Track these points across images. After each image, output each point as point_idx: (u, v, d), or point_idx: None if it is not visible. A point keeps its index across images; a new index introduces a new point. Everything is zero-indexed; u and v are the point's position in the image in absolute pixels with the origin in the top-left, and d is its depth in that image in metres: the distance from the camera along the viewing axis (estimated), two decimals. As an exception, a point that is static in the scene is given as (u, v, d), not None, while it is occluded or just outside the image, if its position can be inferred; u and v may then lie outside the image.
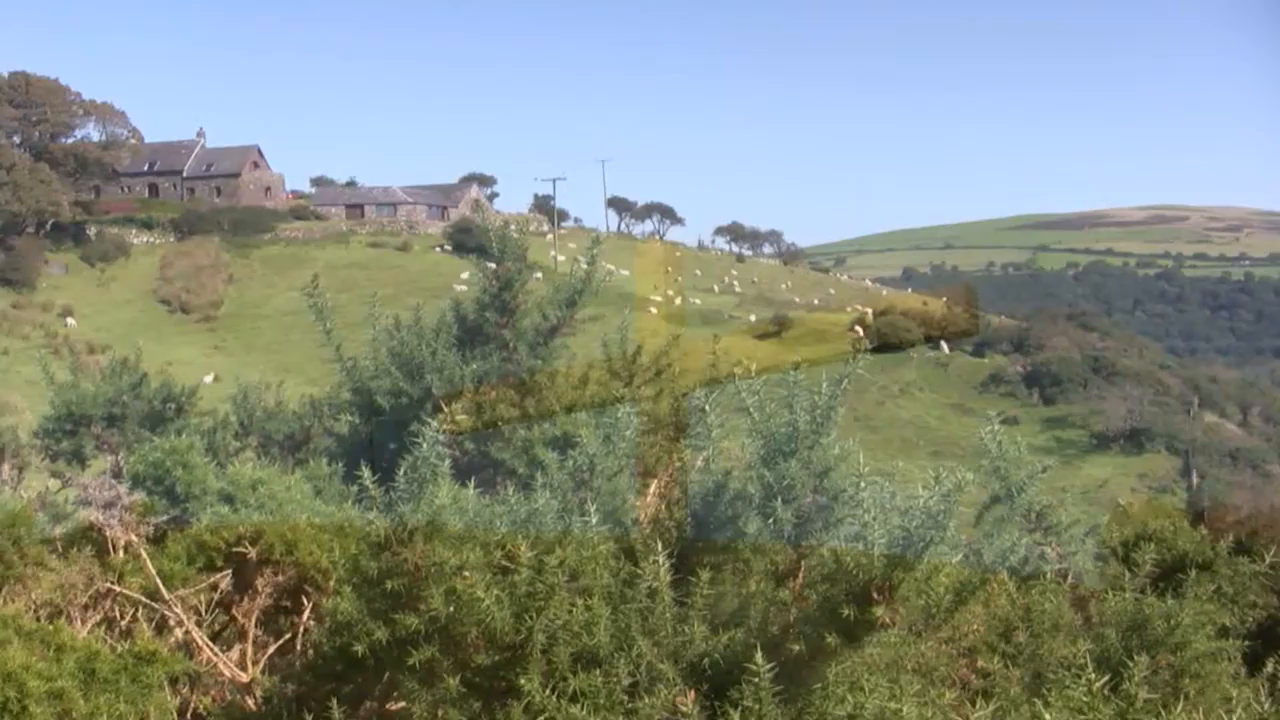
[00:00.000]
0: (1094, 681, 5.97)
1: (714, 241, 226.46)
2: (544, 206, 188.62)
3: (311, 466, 17.32)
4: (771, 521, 7.63)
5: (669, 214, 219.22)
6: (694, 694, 6.39)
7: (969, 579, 7.08)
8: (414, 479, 7.78)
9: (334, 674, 7.86)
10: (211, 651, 9.46)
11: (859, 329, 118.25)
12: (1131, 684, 6.09)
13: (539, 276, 22.40)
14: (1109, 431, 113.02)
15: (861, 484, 7.23)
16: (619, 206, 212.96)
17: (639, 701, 6.38)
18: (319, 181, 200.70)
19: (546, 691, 6.40)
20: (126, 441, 22.91)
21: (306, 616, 9.78)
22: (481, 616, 6.67)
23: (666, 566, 6.73)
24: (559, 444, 13.76)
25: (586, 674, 6.47)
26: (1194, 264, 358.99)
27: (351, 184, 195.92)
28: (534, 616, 6.58)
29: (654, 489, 8.73)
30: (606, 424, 9.41)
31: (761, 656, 6.10)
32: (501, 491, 8.49)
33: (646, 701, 6.37)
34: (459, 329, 19.58)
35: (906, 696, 6.30)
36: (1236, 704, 7.32)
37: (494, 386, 17.54)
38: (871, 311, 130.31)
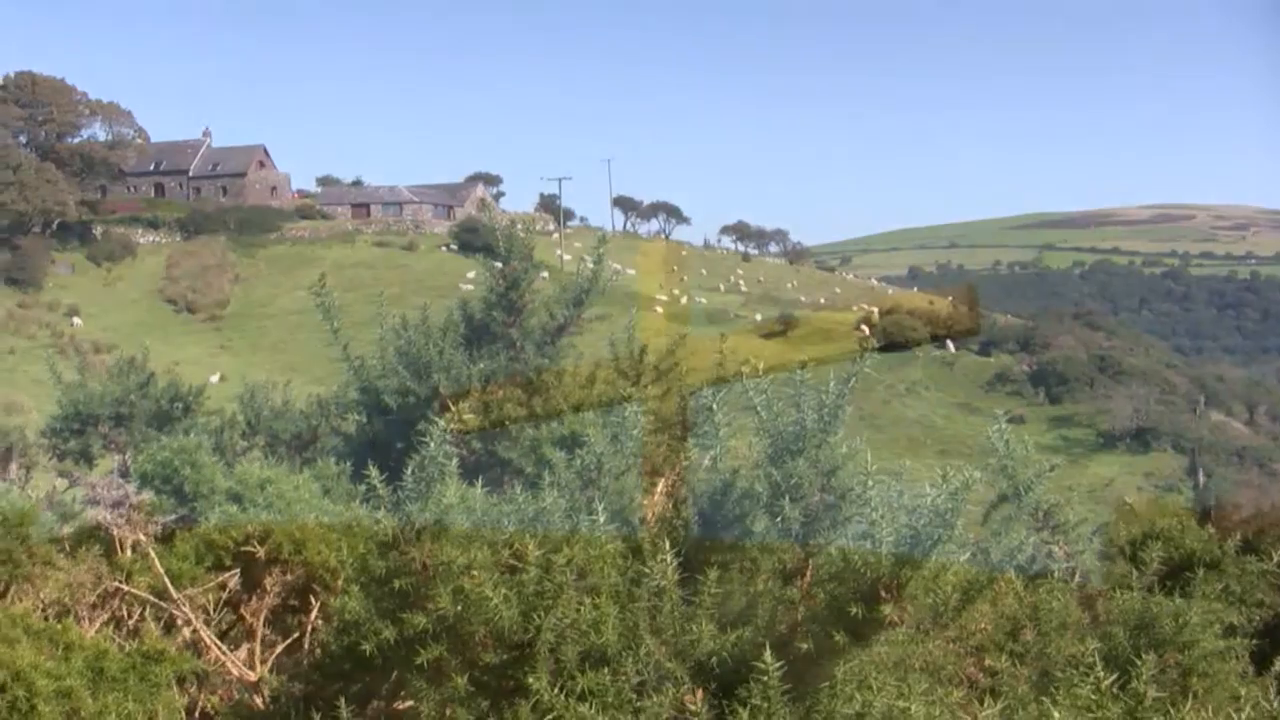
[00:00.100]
0: (1102, 680, 5.97)
1: (720, 240, 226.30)
2: (550, 206, 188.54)
3: (319, 466, 17.36)
4: (779, 520, 7.63)
5: (675, 213, 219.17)
6: (701, 693, 6.39)
7: (976, 578, 7.08)
8: (421, 478, 7.78)
9: (342, 673, 7.86)
10: (219, 650, 9.47)
11: (865, 328, 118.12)
12: (1139, 682, 6.09)
13: (545, 276, 22.41)
14: (1115, 430, 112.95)
15: (869, 483, 7.25)
16: (625, 205, 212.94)
17: (647, 700, 6.38)
18: (325, 181, 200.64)
19: (554, 690, 6.40)
20: (134, 441, 22.97)
21: (314, 616, 9.79)
22: (489, 615, 6.67)
23: (674, 565, 6.73)
24: (566, 443, 13.75)
25: (594, 673, 6.47)
26: (1200, 263, 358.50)
27: (357, 183, 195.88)
28: (542, 615, 6.59)
29: (661, 488, 8.73)
30: (614, 423, 9.42)
31: (770, 655, 6.10)
32: (509, 491, 8.48)
33: (654, 700, 6.37)
34: (466, 328, 19.62)
35: (914, 695, 6.29)
36: (1245, 703, 7.32)
37: (501, 386, 17.55)
38: (877, 310, 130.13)
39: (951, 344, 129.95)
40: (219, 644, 9.56)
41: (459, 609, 6.80)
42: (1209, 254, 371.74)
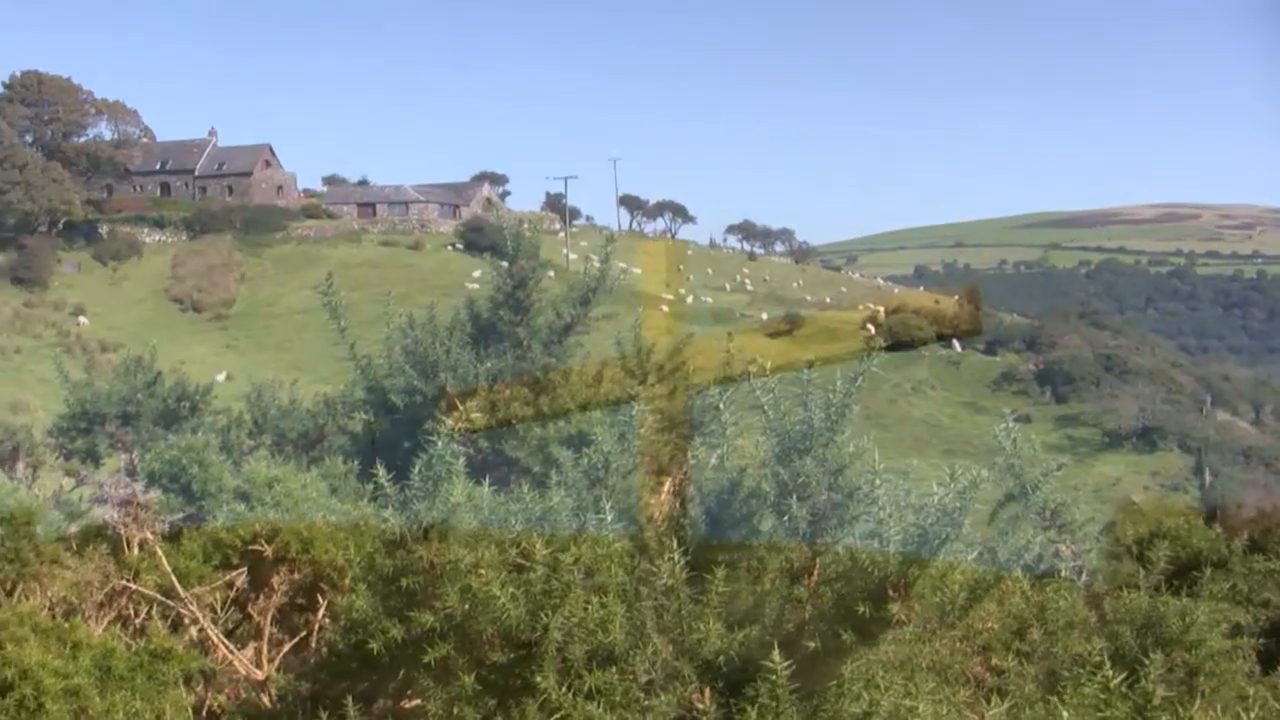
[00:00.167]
0: (1110, 679, 5.97)
1: (725, 240, 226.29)
2: (556, 205, 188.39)
3: (326, 465, 17.35)
4: (786, 519, 7.64)
5: (680, 212, 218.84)
6: (709, 691, 6.39)
7: (983, 577, 7.09)
8: (428, 477, 7.78)
9: (348, 672, 7.86)
10: (227, 649, 9.48)
11: (871, 327, 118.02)
12: (1147, 682, 6.09)
13: (551, 275, 22.43)
14: (1121, 430, 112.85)
15: (876, 482, 7.25)
16: (631, 205, 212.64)
17: (654, 699, 6.38)
18: (331, 180, 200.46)
19: (562, 689, 6.41)
20: (141, 440, 23.00)
21: (321, 614, 9.79)
22: (496, 614, 6.68)
23: (682, 564, 6.73)
24: (574, 442, 13.77)
25: (602, 671, 6.48)
26: (1206, 262, 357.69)
27: (363, 183, 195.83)
28: (549, 614, 6.59)
29: (668, 487, 8.73)
30: (621, 422, 9.43)
31: (778, 654, 6.10)
32: (516, 489, 8.50)
33: (662, 699, 6.37)
34: (473, 327, 19.63)
35: (921, 694, 6.30)
36: (1253, 702, 7.31)
37: (508, 385, 17.55)
38: (883, 310, 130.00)
39: (957, 343, 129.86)
40: (226, 642, 9.57)
41: (466, 608, 6.81)
42: (1215, 253, 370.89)
